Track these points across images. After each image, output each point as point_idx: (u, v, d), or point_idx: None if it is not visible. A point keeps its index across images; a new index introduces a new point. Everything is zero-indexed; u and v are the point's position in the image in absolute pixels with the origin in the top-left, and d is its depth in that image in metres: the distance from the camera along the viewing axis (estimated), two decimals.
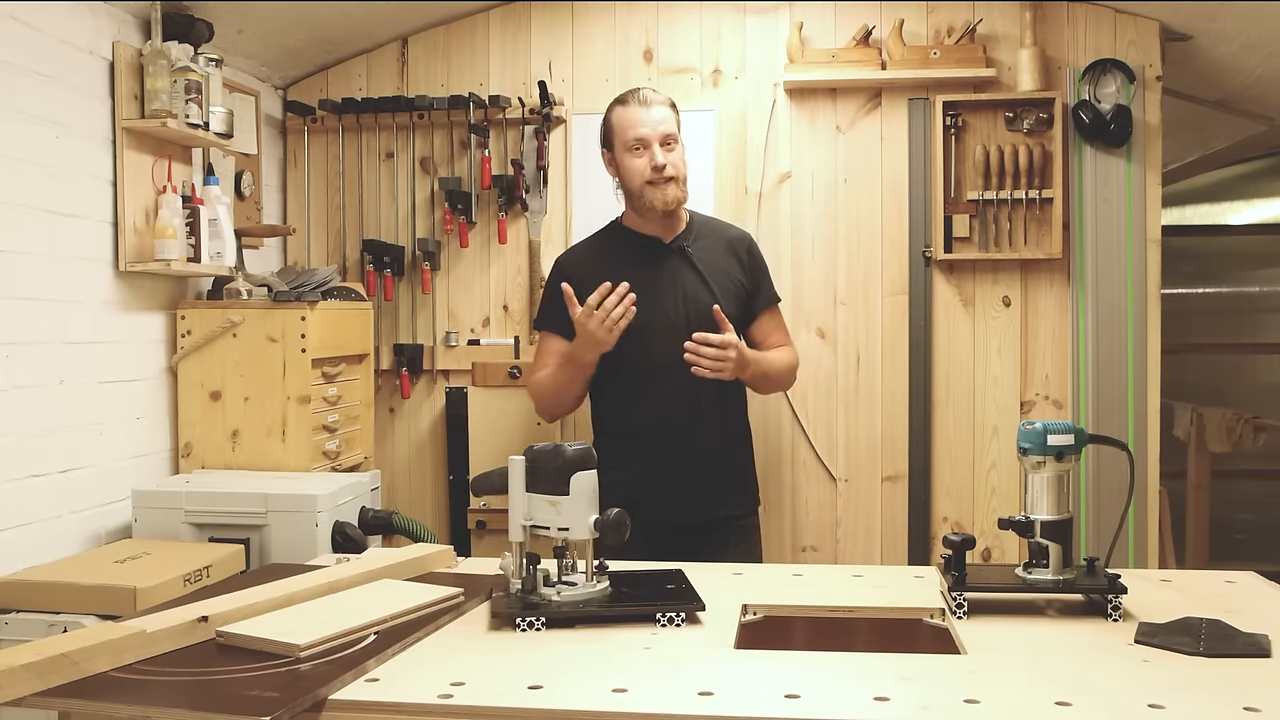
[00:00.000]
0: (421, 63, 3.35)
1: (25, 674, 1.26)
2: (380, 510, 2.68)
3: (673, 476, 2.38)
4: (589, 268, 2.42)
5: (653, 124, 2.37)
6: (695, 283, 2.41)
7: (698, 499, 2.39)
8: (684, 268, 2.43)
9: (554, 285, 2.44)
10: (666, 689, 1.29)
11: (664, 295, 2.39)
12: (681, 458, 2.37)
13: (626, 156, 2.39)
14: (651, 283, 2.39)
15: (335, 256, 3.38)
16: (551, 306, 2.45)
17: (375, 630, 1.49)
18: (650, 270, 2.41)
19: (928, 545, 3.16)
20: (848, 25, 3.16)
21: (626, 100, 2.42)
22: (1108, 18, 3.11)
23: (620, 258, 2.44)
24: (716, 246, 2.49)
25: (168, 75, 2.56)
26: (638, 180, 2.38)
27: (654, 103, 2.39)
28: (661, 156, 2.35)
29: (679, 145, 2.41)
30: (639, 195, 2.39)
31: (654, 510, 2.31)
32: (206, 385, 2.75)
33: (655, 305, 2.37)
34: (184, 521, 2.40)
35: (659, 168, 2.35)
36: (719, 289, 2.41)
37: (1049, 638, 1.50)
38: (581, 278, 2.38)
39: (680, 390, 2.35)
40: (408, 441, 3.38)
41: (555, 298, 2.40)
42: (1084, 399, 3.10)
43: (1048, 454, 1.63)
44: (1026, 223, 3.12)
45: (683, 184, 2.41)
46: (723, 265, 2.47)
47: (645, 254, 2.44)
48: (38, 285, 2.33)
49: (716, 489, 2.42)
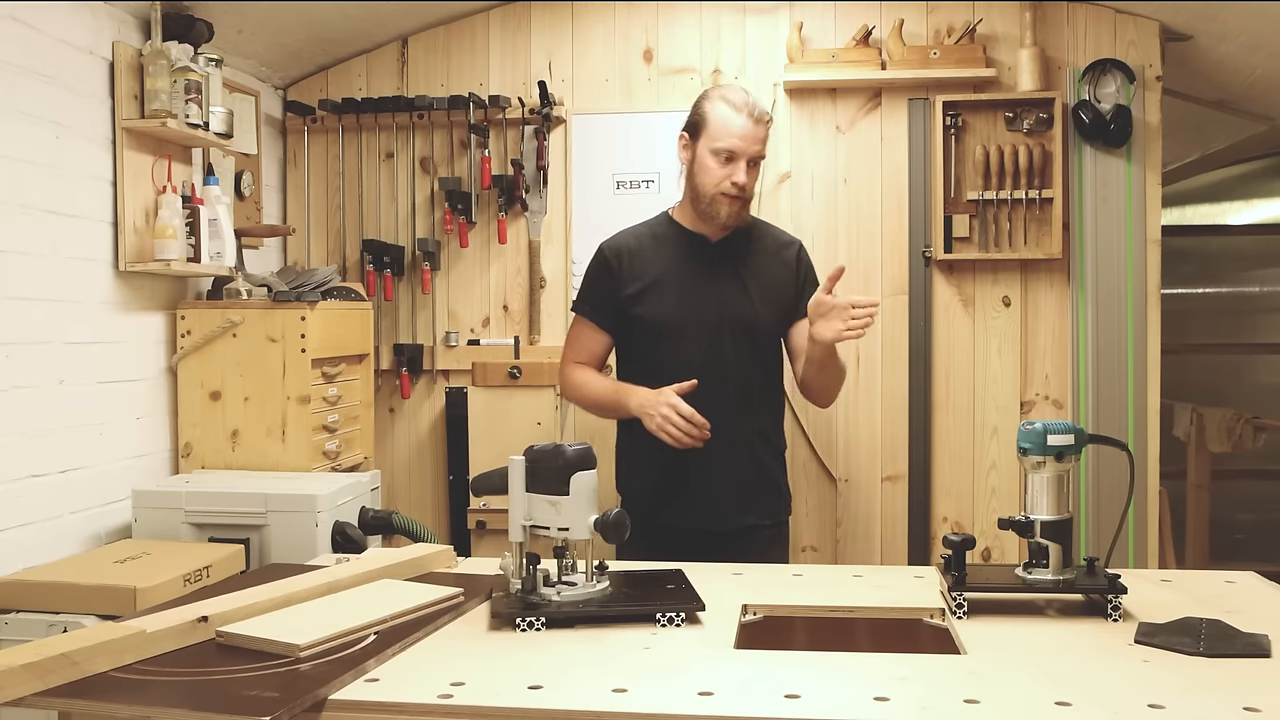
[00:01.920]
0: (421, 63, 3.35)
1: (25, 674, 1.26)
2: (380, 510, 2.68)
3: (701, 481, 2.30)
4: (632, 257, 2.38)
5: (751, 140, 2.27)
6: (736, 288, 2.36)
7: (725, 505, 2.32)
8: (727, 272, 2.37)
9: (595, 269, 2.42)
10: (666, 689, 1.29)
11: (703, 297, 2.34)
12: (709, 462, 2.28)
13: (710, 158, 2.28)
14: (692, 282, 2.34)
15: (335, 256, 3.38)
16: (591, 291, 2.43)
17: (375, 630, 1.49)
18: (693, 269, 2.36)
19: (928, 545, 3.16)
20: (848, 25, 3.17)
21: (737, 105, 2.28)
22: (1108, 18, 3.11)
23: (666, 252, 2.38)
24: (764, 252, 2.42)
25: (168, 75, 2.56)
26: (712, 187, 2.29)
27: (761, 121, 2.29)
28: (743, 176, 2.27)
29: (759, 167, 2.35)
30: (708, 200, 2.31)
31: (682, 516, 2.29)
32: (206, 385, 2.75)
33: (692, 306, 2.33)
34: (184, 521, 2.40)
35: (740, 185, 2.27)
36: (759, 296, 2.36)
37: (1049, 638, 1.50)
38: (620, 265, 2.36)
39: (710, 393, 2.25)
40: (408, 441, 3.38)
41: (595, 283, 2.39)
42: (1084, 399, 3.10)
43: (1048, 454, 1.63)
44: (1026, 223, 3.12)
45: (748, 204, 2.36)
46: (767, 272, 2.40)
47: (691, 252, 2.37)
48: (38, 285, 2.33)
49: (745, 495, 2.36)
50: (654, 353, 2.34)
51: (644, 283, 2.35)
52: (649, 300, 2.34)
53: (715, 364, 2.30)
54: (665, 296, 2.34)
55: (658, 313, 2.33)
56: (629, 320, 2.37)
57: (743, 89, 2.36)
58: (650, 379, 2.29)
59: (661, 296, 2.34)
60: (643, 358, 2.37)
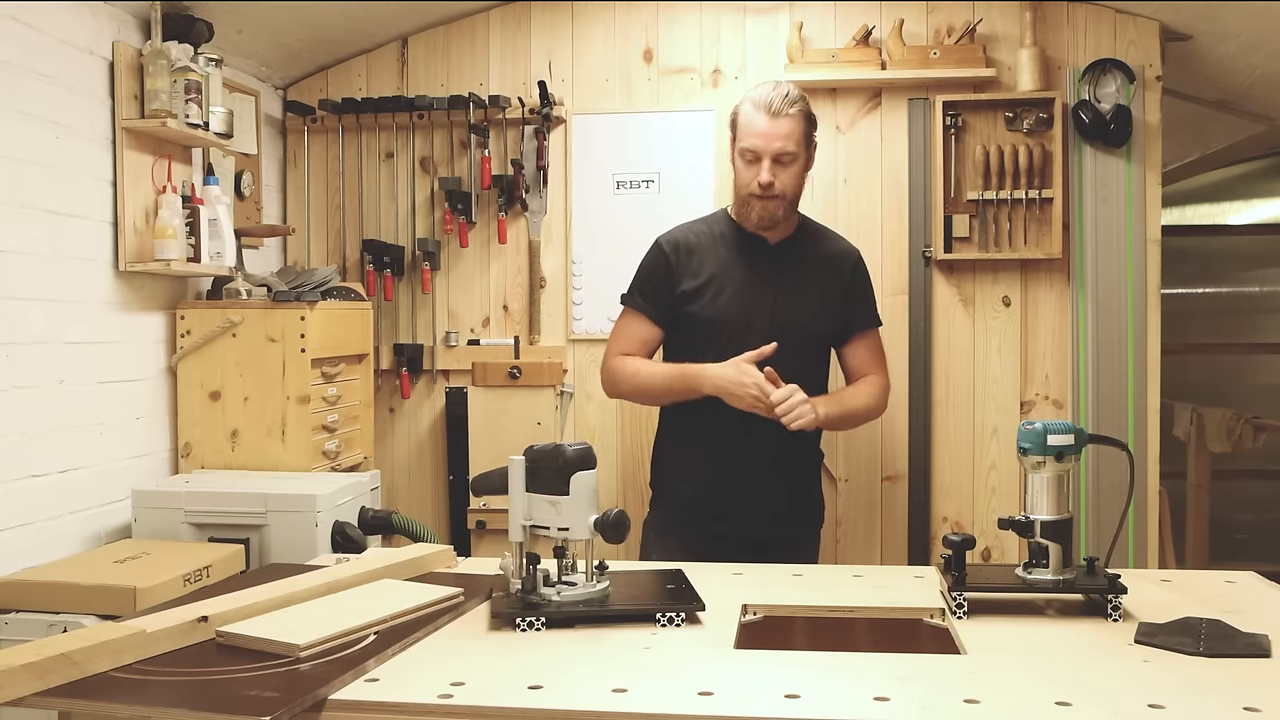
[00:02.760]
0: (421, 63, 3.35)
1: (25, 674, 1.26)
2: (380, 510, 2.68)
3: (746, 488, 2.29)
4: (690, 253, 2.35)
5: (770, 138, 2.22)
6: (788, 293, 2.33)
7: (766, 513, 2.31)
8: (781, 275, 2.34)
9: (651, 262, 2.38)
10: (666, 689, 1.29)
11: (755, 298, 2.31)
12: (752, 470, 2.28)
13: (739, 160, 2.28)
14: (745, 283, 2.32)
15: (335, 256, 3.38)
16: (646, 284, 2.39)
17: (375, 630, 1.49)
18: (747, 269, 2.33)
19: (928, 545, 3.16)
20: (848, 25, 3.16)
21: (758, 102, 2.25)
22: (1108, 18, 3.11)
23: (724, 251, 2.35)
24: (820, 257, 2.40)
25: (168, 75, 2.56)
26: (743, 189, 2.29)
27: (783, 114, 2.22)
28: (768, 174, 2.22)
29: (798, 161, 2.27)
30: (741, 202, 2.32)
31: (720, 523, 2.28)
32: (206, 385, 2.75)
33: (744, 307, 2.31)
34: (184, 521, 2.40)
35: (765, 185, 2.23)
36: (809, 304, 2.34)
37: (1049, 638, 1.50)
38: (677, 260, 2.34)
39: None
40: (408, 441, 3.38)
41: (650, 276, 2.36)
42: (1084, 399, 3.10)
43: (1048, 454, 1.63)
44: (1026, 223, 3.12)
45: (791, 202, 2.30)
46: (821, 280, 2.38)
47: (746, 251, 2.35)
48: (38, 285, 2.33)
49: (786, 504, 2.35)
50: (704, 353, 2.30)
51: (700, 280, 2.32)
52: (703, 298, 2.31)
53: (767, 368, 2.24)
54: (720, 296, 2.31)
55: (711, 312, 2.30)
56: (681, 318, 2.34)
57: (775, 83, 2.30)
58: None
59: (716, 295, 2.31)
60: (693, 358, 2.31)
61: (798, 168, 2.28)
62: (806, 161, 2.32)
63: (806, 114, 2.29)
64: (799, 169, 2.29)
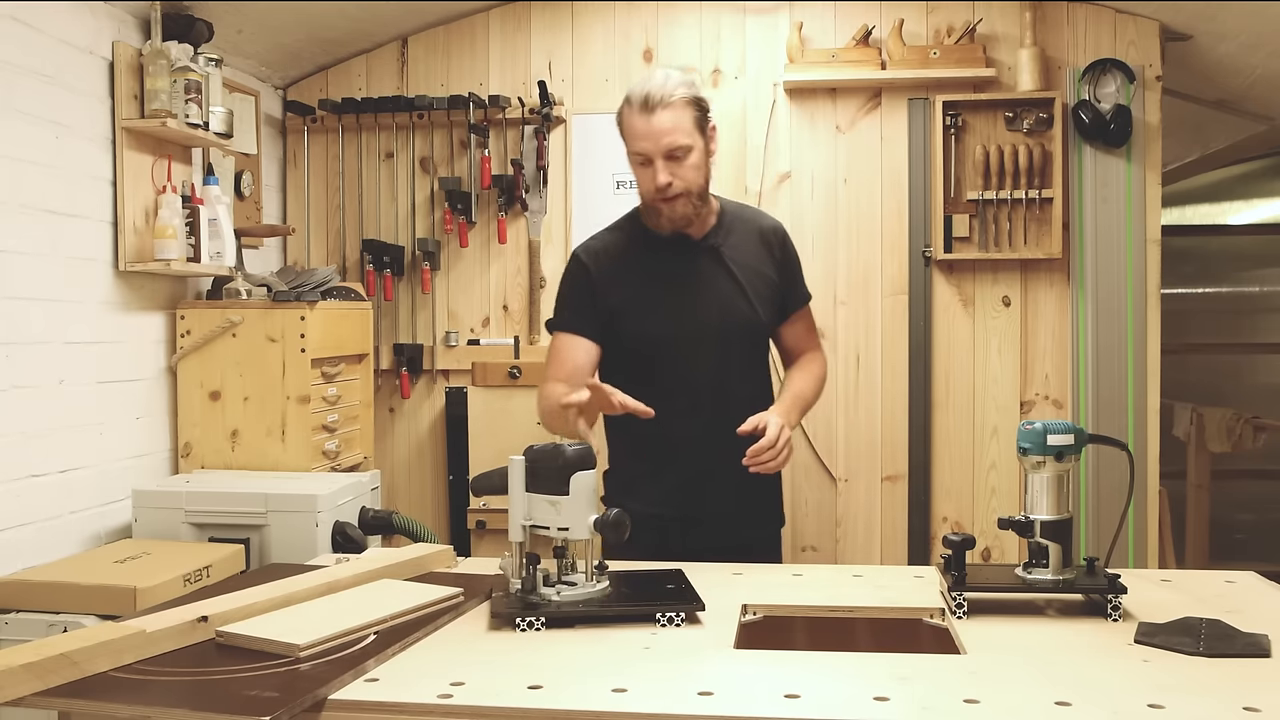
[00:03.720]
0: (421, 63, 3.35)
1: (25, 674, 1.26)
2: (380, 510, 2.68)
3: (708, 502, 2.12)
4: (611, 264, 2.14)
5: (655, 136, 2.01)
6: (730, 287, 2.13)
7: (732, 523, 2.14)
8: (717, 270, 2.14)
9: (573, 281, 2.18)
10: (666, 689, 1.29)
11: (695, 301, 2.11)
12: (717, 481, 2.10)
13: (633, 166, 2.09)
14: (682, 288, 2.12)
15: (335, 256, 3.38)
16: (568, 304, 2.17)
17: (375, 630, 1.49)
18: (680, 272, 2.13)
19: (928, 545, 3.16)
20: (848, 25, 3.17)
21: (634, 102, 2.04)
22: (1108, 18, 3.11)
23: (645, 254, 2.14)
24: (749, 241, 2.19)
25: (168, 75, 2.56)
26: (644, 193, 2.10)
27: (659, 106, 2.01)
28: (664, 175, 2.01)
29: (694, 151, 2.04)
30: (646, 210, 2.13)
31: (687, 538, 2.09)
32: (206, 385, 2.75)
33: (688, 314, 2.11)
34: (184, 521, 2.40)
35: (661, 188, 2.02)
36: (754, 293, 2.15)
37: (1049, 638, 1.50)
38: (600, 273, 2.13)
39: (715, 407, 2.08)
40: (408, 441, 3.38)
41: (575, 294, 2.15)
42: (1084, 399, 3.10)
43: (1047, 454, 1.63)
44: (1026, 223, 3.12)
45: (697, 196, 2.07)
46: (756, 264, 2.18)
47: (673, 253, 2.13)
48: (38, 285, 2.33)
49: (750, 511, 2.19)
50: (654, 371, 2.10)
51: (628, 293, 2.12)
52: (637, 314, 2.12)
53: (719, 375, 2.12)
54: (655, 309, 2.11)
55: (651, 327, 2.11)
56: (614, 337, 2.13)
57: (653, 74, 2.07)
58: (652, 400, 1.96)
59: (650, 309, 2.11)
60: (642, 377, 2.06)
61: (696, 158, 2.05)
62: (706, 148, 2.09)
63: (690, 98, 2.05)
64: (698, 159, 2.05)
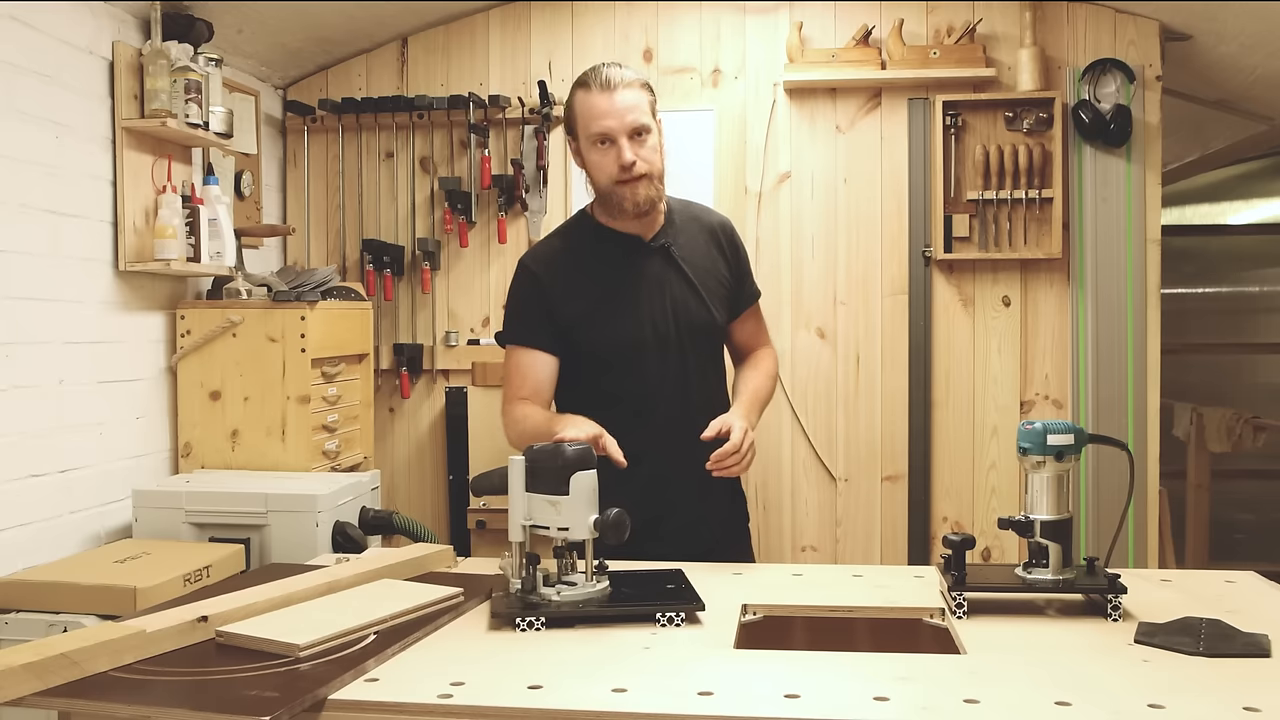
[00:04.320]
0: (421, 63, 3.35)
1: (25, 674, 1.26)
2: (380, 510, 2.68)
3: (672, 509, 2.06)
4: (561, 271, 2.09)
5: (619, 114, 1.97)
6: (683, 288, 2.09)
7: (698, 529, 2.09)
8: (669, 271, 2.09)
9: (523, 292, 2.12)
10: (666, 689, 1.29)
11: (652, 306, 2.07)
12: (680, 487, 2.05)
13: (591, 151, 2.03)
14: (635, 292, 2.07)
15: (335, 256, 3.38)
16: (520, 316, 2.11)
17: (375, 630, 1.49)
18: (632, 276, 2.08)
19: (928, 545, 3.16)
20: (848, 25, 3.17)
21: (588, 83, 2.01)
22: (1108, 18, 3.11)
23: (596, 260, 2.09)
24: (698, 239, 2.16)
25: (167, 75, 2.56)
26: (605, 179, 2.03)
27: (620, 85, 1.98)
28: (629, 153, 1.97)
29: (653, 133, 2.02)
30: (607, 195, 2.04)
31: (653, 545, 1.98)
32: (206, 385, 2.75)
33: (642, 319, 2.06)
34: (184, 521, 2.40)
35: (627, 166, 1.98)
36: (708, 292, 2.11)
37: (1049, 638, 1.50)
38: (553, 282, 2.07)
39: (675, 413, 2.04)
40: (408, 441, 3.38)
41: (527, 306, 2.09)
42: (1084, 399, 3.10)
43: (1047, 454, 1.63)
44: (1026, 222, 3.12)
45: (658, 179, 2.03)
46: (707, 263, 2.14)
47: (624, 256, 2.09)
48: (38, 285, 2.33)
49: (716, 515, 2.15)
50: (611, 379, 2.07)
51: (582, 300, 2.06)
52: (590, 322, 2.06)
53: (678, 380, 2.07)
54: (612, 315, 2.06)
55: (609, 335, 2.05)
56: (571, 347, 2.07)
57: (604, 64, 2.05)
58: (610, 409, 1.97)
59: (607, 316, 2.06)
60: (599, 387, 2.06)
61: (654, 140, 2.03)
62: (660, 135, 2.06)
63: (644, 83, 2.05)
64: (656, 142, 2.03)
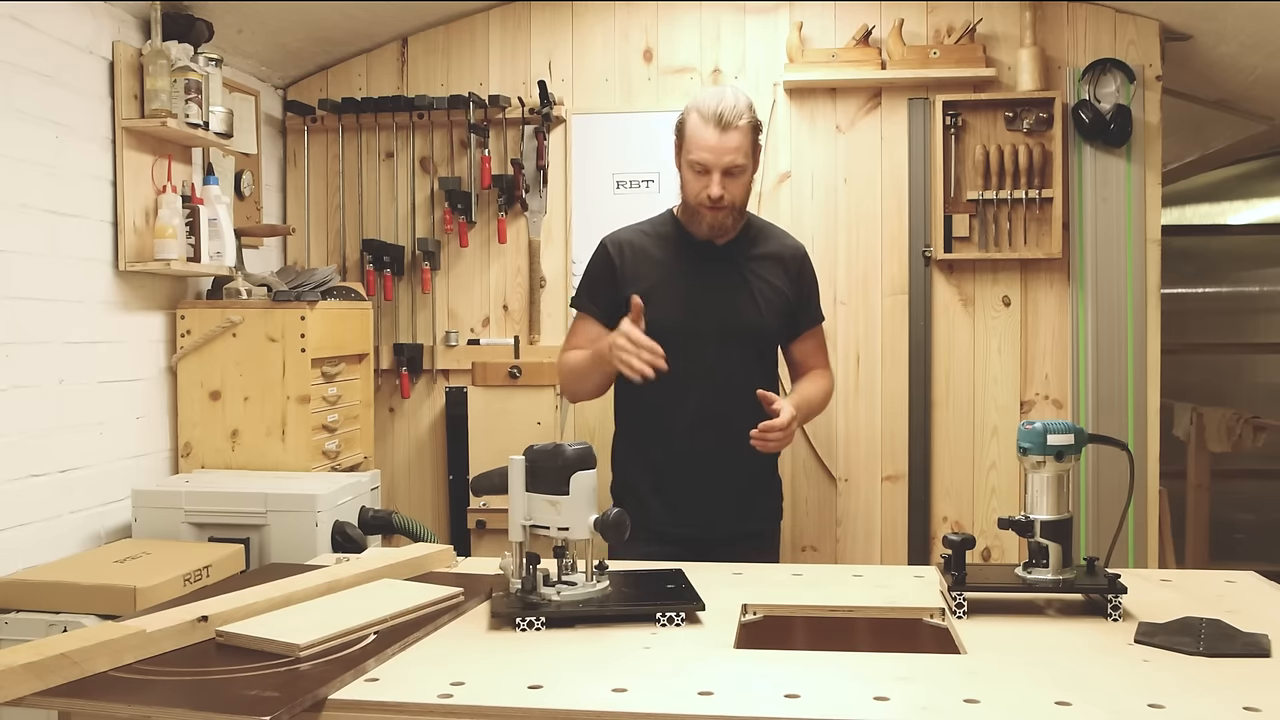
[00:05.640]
0: (421, 63, 3.35)
1: (25, 674, 1.26)
2: (380, 510, 2.68)
3: (705, 491, 2.29)
4: (634, 254, 2.33)
5: (720, 153, 2.19)
6: (742, 294, 2.32)
7: (725, 512, 2.30)
8: (732, 276, 2.32)
9: (597, 264, 2.37)
10: (666, 689, 1.29)
11: (707, 302, 2.30)
12: (713, 471, 2.27)
13: (688, 170, 2.25)
14: (697, 286, 2.30)
15: (335, 256, 3.38)
16: (590, 286, 2.38)
17: (375, 630, 1.49)
18: (697, 272, 2.31)
19: (928, 545, 3.16)
20: (848, 25, 3.17)
21: (706, 115, 2.20)
22: (1108, 17, 3.11)
23: (670, 252, 2.34)
24: (768, 257, 2.37)
25: (168, 75, 2.56)
26: (692, 197, 2.26)
27: (733, 127, 2.18)
28: (718, 188, 2.20)
29: (746, 172, 2.25)
30: (691, 209, 2.28)
31: (685, 527, 2.26)
32: (206, 385, 2.75)
33: (696, 311, 2.28)
34: (184, 521, 2.40)
35: (715, 199, 2.21)
36: (764, 303, 2.32)
37: (1049, 638, 1.50)
38: (622, 261, 2.32)
39: (714, 400, 2.26)
40: (408, 441, 3.38)
41: (596, 278, 2.35)
42: (1084, 399, 3.10)
43: (1047, 454, 1.63)
44: (1026, 222, 3.12)
45: (739, 209, 2.28)
46: (772, 278, 2.36)
47: (695, 254, 2.32)
48: (38, 285, 2.33)
49: (744, 502, 2.33)
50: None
51: (646, 284, 2.28)
52: (651, 304, 2.22)
53: (720, 370, 2.27)
54: (669, 301, 2.27)
55: (660, 317, 2.22)
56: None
57: (723, 92, 2.25)
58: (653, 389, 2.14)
59: (665, 300, 2.26)
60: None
61: (746, 178, 2.27)
62: (753, 169, 2.29)
63: (754, 123, 2.25)
64: (748, 179, 2.27)
